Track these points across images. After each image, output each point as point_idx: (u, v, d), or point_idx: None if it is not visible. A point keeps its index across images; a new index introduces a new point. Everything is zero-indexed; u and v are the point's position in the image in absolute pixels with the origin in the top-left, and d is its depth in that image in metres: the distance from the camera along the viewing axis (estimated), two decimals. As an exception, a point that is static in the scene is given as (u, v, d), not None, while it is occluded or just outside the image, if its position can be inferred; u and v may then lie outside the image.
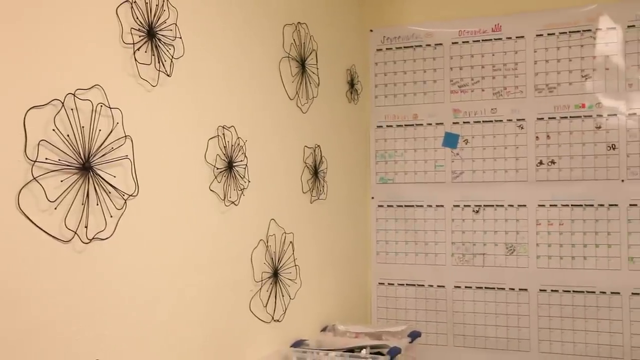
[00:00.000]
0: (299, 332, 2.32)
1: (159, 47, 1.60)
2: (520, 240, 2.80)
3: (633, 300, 2.63)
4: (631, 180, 2.65)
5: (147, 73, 1.56)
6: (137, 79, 1.54)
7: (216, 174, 1.85)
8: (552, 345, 2.74)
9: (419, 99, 2.97)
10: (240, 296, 1.98)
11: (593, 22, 2.70)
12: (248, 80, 2.05)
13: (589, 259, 2.70)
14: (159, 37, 1.60)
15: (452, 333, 2.89)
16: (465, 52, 2.90)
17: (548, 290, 2.75)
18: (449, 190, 2.91)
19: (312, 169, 2.48)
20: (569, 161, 2.73)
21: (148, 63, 1.57)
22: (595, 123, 2.70)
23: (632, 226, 2.64)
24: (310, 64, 2.46)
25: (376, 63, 3.05)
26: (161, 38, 1.61)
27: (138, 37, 1.53)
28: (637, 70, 2.64)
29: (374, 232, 3.04)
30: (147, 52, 1.57)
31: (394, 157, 3.01)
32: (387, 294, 3.01)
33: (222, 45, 1.91)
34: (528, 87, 2.79)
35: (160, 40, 1.60)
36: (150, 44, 1.58)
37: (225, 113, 1.91)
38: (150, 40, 1.57)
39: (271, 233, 2.15)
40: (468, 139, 2.89)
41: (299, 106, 2.38)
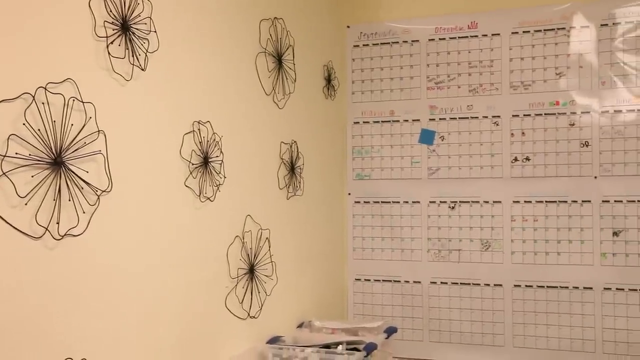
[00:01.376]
0: (275, 328, 2.31)
1: (133, 41, 1.58)
2: (495, 236, 2.82)
3: (605, 295, 2.67)
4: (604, 177, 2.68)
5: (120, 67, 1.54)
6: (111, 73, 1.51)
7: (191, 170, 1.83)
8: (526, 340, 2.77)
9: (396, 96, 2.97)
10: (216, 293, 1.97)
11: (567, 20, 2.73)
12: (224, 75, 2.03)
13: (563, 254, 2.73)
14: (133, 30, 1.58)
15: (428, 328, 2.91)
16: (441, 49, 2.91)
17: (522, 286, 2.78)
18: (425, 187, 2.92)
19: (288, 165, 2.48)
20: (543, 158, 2.76)
21: (122, 57, 1.54)
22: (569, 120, 2.73)
23: (604, 222, 2.68)
24: (286, 59, 2.45)
25: (353, 59, 3.05)
26: (135, 32, 1.59)
27: (111, 30, 1.51)
28: (610, 68, 2.67)
29: (350, 228, 3.04)
30: (120, 46, 1.54)
31: (371, 153, 3.01)
32: (364, 290, 3.01)
33: (198, 40, 1.89)
34: (503, 84, 2.82)
35: (134, 34, 1.58)
36: (124, 38, 1.55)
37: (201, 108, 1.89)
38: (124, 34, 1.55)
39: (247, 229, 2.14)
40: (444, 136, 2.90)
41: (275, 102, 2.37)
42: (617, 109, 2.66)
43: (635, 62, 2.64)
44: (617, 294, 2.66)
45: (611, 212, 2.67)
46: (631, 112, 2.65)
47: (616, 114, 2.67)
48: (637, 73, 2.64)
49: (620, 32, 2.66)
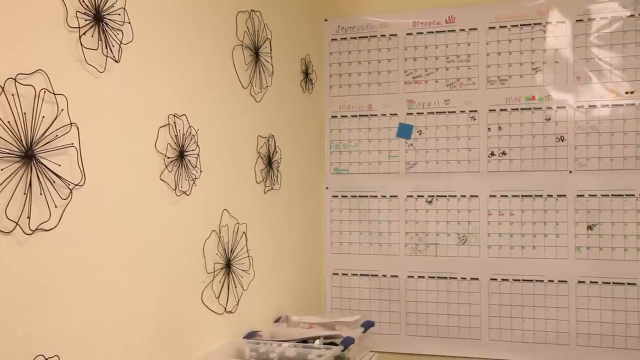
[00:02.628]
0: (252, 323, 2.30)
1: (107, 32, 1.55)
2: (472, 230, 2.84)
3: (579, 288, 2.70)
4: (579, 171, 2.71)
5: (93, 58, 1.51)
6: (83, 65, 1.48)
7: (167, 164, 1.81)
8: (502, 333, 2.79)
9: (374, 90, 2.97)
10: (192, 288, 1.95)
11: (543, 15, 2.75)
12: (200, 67, 2.01)
13: (538, 248, 2.75)
14: (107, 21, 1.55)
15: (405, 322, 2.92)
16: (419, 44, 2.91)
17: (498, 280, 2.80)
18: (403, 181, 2.93)
19: (265, 159, 2.46)
20: (519, 152, 2.78)
21: (95, 48, 1.51)
22: (545, 115, 2.75)
23: (578, 216, 2.70)
24: (264, 52, 2.43)
25: (331, 53, 3.04)
26: (109, 22, 1.56)
27: (84, 20, 1.48)
28: (585, 63, 2.70)
29: (328, 223, 3.04)
30: (93, 37, 1.51)
31: (349, 147, 3.01)
32: (341, 284, 3.01)
33: (174, 32, 1.86)
34: (480, 79, 2.83)
35: (107, 25, 1.55)
36: (97, 29, 1.52)
37: (177, 101, 1.87)
38: (97, 25, 1.52)
39: (224, 223, 2.12)
40: (422, 130, 2.91)
41: (252, 95, 2.35)
42: (591, 104, 2.69)
43: (610, 58, 2.67)
44: (591, 287, 2.69)
45: (586, 206, 2.70)
46: (605, 107, 2.68)
47: (591, 109, 2.69)
48: (612, 69, 2.67)
49: (595, 27, 2.69)
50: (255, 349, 2.11)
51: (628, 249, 2.65)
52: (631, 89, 2.65)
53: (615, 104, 2.67)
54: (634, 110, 2.65)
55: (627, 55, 2.65)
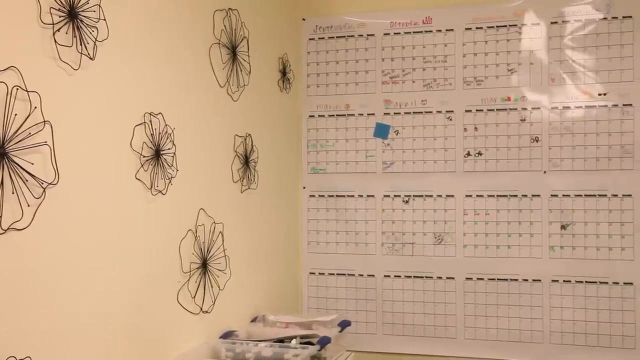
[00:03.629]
0: (228, 323, 2.29)
1: (81, 29, 1.53)
2: (448, 230, 2.86)
3: (553, 287, 2.74)
4: (552, 171, 2.74)
5: (68, 56, 1.49)
6: (57, 62, 1.46)
7: (142, 162, 1.79)
8: (477, 331, 2.82)
9: (351, 89, 2.98)
10: (168, 288, 1.93)
11: (519, 17, 2.78)
12: (177, 65, 1.99)
13: (513, 247, 2.78)
14: (81, 18, 1.53)
15: (382, 321, 2.93)
16: (396, 44, 2.92)
17: (474, 279, 2.83)
18: (380, 181, 2.94)
19: (242, 158, 2.45)
20: (495, 153, 2.81)
21: (69, 45, 1.49)
22: (520, 116, 2.78)
23: (552, 216, 2.74)
24: (241, 51, 2.42)
25: (308, 52, 3.03)
26: (83, 19, 1.54)
27: (58, 17, 1.46)
28: (559, 65, 2.73)
29: (305, 222, 3.03)
30: (68, 34, 1.49)
31: (326, 147, 3.01)
32: (318, 283, 3.01)
33: (150, 29, 1.84)
34: (457, 80, 2.85)
35: (82, 22, 1.53)
36: (72, 25, 1.50)
37: (153, 99, 1.85)
38: (71, 21, 1.50)
39: (200, 223, 2.11)
40: (399, 130, 2.92)
41: (229, 94, 2.34)
42: (565, 105, 2.73)
43: (583, 60, 2.71)
44: (564, 285, 2.73)
45: (559, 206, 2.73)
46: (579, 109, 2.71)
47: (565, 110, 2.73)
48: (585, 70, 2.71)
49: (569, 30, 2.72)
50: (232, 349, 2.10)
51: (600, 248, 2.69)
52: (604, 91, 2.69)
53: (589, 105, 2.70)
54: (607, 112, 2.69)
55: (600, 57, 2.69)
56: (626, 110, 2.67)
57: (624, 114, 2.67)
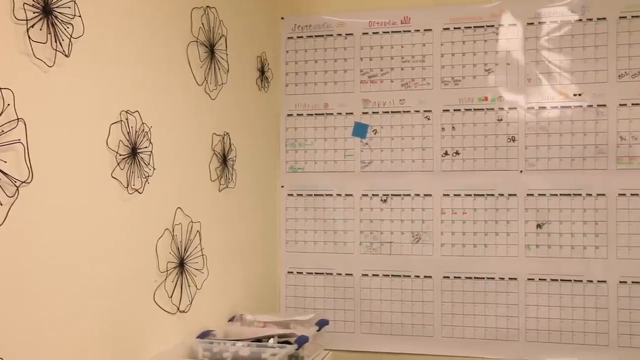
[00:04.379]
0: (205, 322, 2.27)
1: (56, 25, 1.51)
2: (425, 229, 2.87)
3: (528, 285, 2.77)
4: (529, 171, 2.77)
5: (42, 52, 1.47)
6: (31, 58, 1.44)
7: (119, 161, 1.77)
8: (454, 330, 2.84)
9: (330, 89, 2.98)
10: (144, 287, 1.92)
11: (496, 18, 2.80)
12: (154, 63, 1.97)
13: (490, 246, 2.81)
14: (56, 14, 1.51)
15: (360, 320, 2.93)
16: (375, 43, 2.93)
17: (451, 277, 2.85)
18: (358, 180, 2.94)
19: (220, 157, 2.44)
20: (472, 152, 2.83)
21: (43, 42, 1.47)
22: (497, 116, 2.81)
23: (528, 215, 2.77)
24: (219, 49, 2.41)
25: (287, 51, 3.03)
26: (58, 15, 1.52)
27: (32, 13, 1.44)
28: (536, 66, 2.76)
29: (283, 221, 3.03)
30: (42, 30, 1.47)
31: (304, 146, 3.01)
32: (296, 282, 3.01)
33: (127, 27, 1.82)
34: (435, 79, 2.86)
35: (57, 18, 1.51)
36: (46, 21, 1.48)
37: (129, 97, 1.83)
38: (46, 17, 1.48)
39: (177, 222, 2.09)
40: (377, 129, 2.93)
41: (207, 92, 2.33)
42: (541, 105, 2.76)
43: (559, 61, 2.74)
44: (540, 284, 2.76)
45: (535, 205, 2.76)
46: (555, 109, 2.75)
47: (541, 110, 2.76)
48: (561, 71, 2.74)
49: (545, 31, 2.75)
50: (209, 348, 2.09)
51: (575, 247, 2.72)
52: (579, 91, 2.72)
53: (564, 105, 2.74)
54: (582, 112, 2.72)
55: (576, 58, 2.72)
56: (600, 110, 2.70)
57: (599, 114, 2.71)
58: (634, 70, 2.67)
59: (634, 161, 2.67)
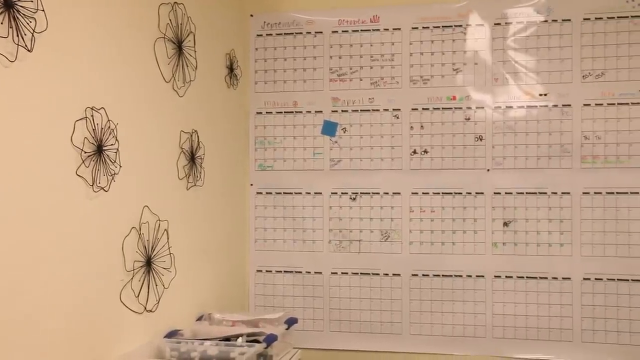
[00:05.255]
0: (173, 322, 2.25)
1: (18, 19, 1.48)
2: (394, 227, 2.89)
3: (495, 282, 2.80)
4: (496, 169, 2.81)
5: (3, 47, 1.43)
6: (-8, 53, 1.41)
7: (84, 158, 1.74)
8: (422, 327, 2.86)
9: (299, 87, 2.97)
10: (110, 287, 1.89)
11: (464, 18, 2.83)
12: (120, 59, 1.94)
13: (457, 244, 2.83)
14: (18, 8, 1.47)
15: (329, 318, 2.94)
16: (344, 42, 2.93)
17: (419, 275, 2.87)
18: (327, 178, 2.94)
19: (188, 155, 2.41)
20: (440, 151, 2.85)
21: (5, 36, 1.44)
22: (465, 115, 2.83)
23: (495, 213, 2.80)
24: (187, 46, 2.38)
25: (256, 48, 3.01)
26: (20, 9, 1.48)
27: (-7, 6, 1.41)
28: (502, 66, 2.80)
29: (252, 219, 3.02)
30: (3, 24, 1.44)
31: (273, 144, 3.00)
32: (265, 281, 3.00)
33: (92, 22, 1.79)
34: (404, 78, 2.88)
35: (19, 12, 1.48)
36: (8, 15, 1.45)
37: (95, 93, 1.80)
38: (7, 11, 1.44)
39: (144, 220, 2.07)
40: (346, 128, 2.93)
41: (175, 89, 2.30)
42: (508, 105, 2.79)
43: (525, 61, 2.78)
44: (506, 281, 2.79)
45: (502, 203, 2.80)
46: (521, 108, 2.78)
47: (508, 109, 2.80)
48: (527, 71, 2.78)
49: (512, 31, 2.79)
50: (176, 348, 2.07)
51: (540, 244, 2.76)
52: (545, 92, 2.77)
53: (530, 105, 2.78)
54: (547, 112, 2.76)
55: (541, 58, 2.77)
56: (565, 110, 2.75)
57: (563, 114, 2.75)
58: (597, 71, 2.72)
59: (597, 160, 2.73)
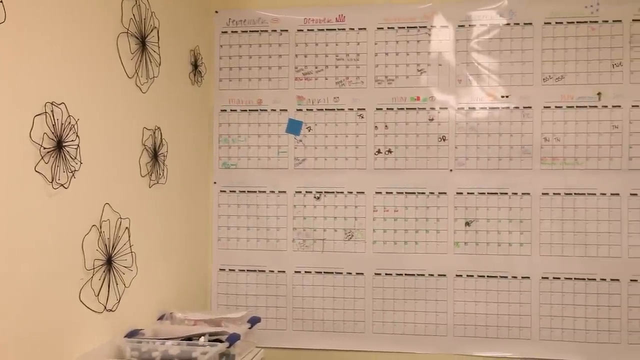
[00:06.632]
0: (134, 321, 2.22)
1: (-25, 10, 1.43)
2: (358, 226, 2.90)
3: (457, 281, 2.84)
4: (458, 170, 2.84)
5: (-41, 38, 1.39)
6: (-53, 45, 1.36)
7: (43, 154, 1.70)
8: (385, 326, 2.88)
9: (264, 85, 2.96)
10: (69, 286, 1.85)
11: (428, 19, 2.86)
12: (81, 53, 1.90)
13: (420, 243, 2.86)
14: (-25, -2, 1.43)
15: (292, 317, 2.93)
16: (310, 40, 2.93)
17: (382, 274, 2.88)
18: (292, 177, 2.94)
19: (151, 152, 2.38)
20: (404, 151, 2.87)
21: (-39, 27, 1.40)
22: (429, 115, 2.86)
23: (457, 213, 2.84)
24: (151, 41, 2.35)
25: (221, 45, 2.99)
26: (-23, 0, 1.44)
27: (-51, -4, 1.36)
28: (466, 67, 2.83)
29: (215, 218, 2.99)
30: (-41, 15, 1.39)
31: (238, 142, 2.98)
32: (228, 280, 2.98)
33: (51, 13, 1.75)
34: (369, 78, 2.89)
35: (-24, 3, 1.44)
36: (-36, 6, 1.41)
37: (55, 88, 1.76)
38: (-37, 2, 1.40)
39: (105, 218, 2.03)
40: (311, 127, 2.93)
41: (138, 85, 2.27)
42: (471, 106, 2.83)
43: (488, 63, 2.82)
44: (467, 280, 2.83)
45: (464, 203, 2.84)
46: (483, 110, 2.82)
47: (470, 110, 2.83)
48: (489, 73, 2.82)
49: (475, 33, 2.83)
50: (137, 347, 2.04)
51: (501, 244, 2.81)
52: (506, 93, 2.81)
53: (492, 106, 2.82)
54: (509, 113, 2.81)
55: (503, 61, 2.81)
56: (526, 112, 2.80)
57: (525, 115, 2.80)
58: (557, 75, 2.78)
59: (556, 162, 2.78)
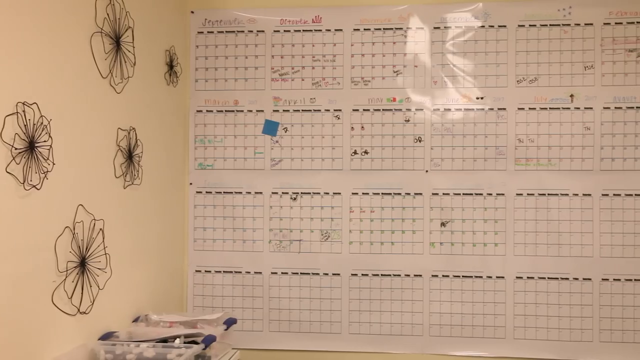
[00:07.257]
0: (108, 324, 2.19)
1: (-56, 8, 1.41)
2: (334, 227, 2.90)
3: (432, 281, 2.86)
4: (434, 170, 2.86)
5: None
6: None
7: (14, 155, 1.67)
8: (361, 326, 2.88)
9: (240, 85, 2.95)
10: (41, 288, 1.82)
11: (404, 21, 2.87)
12: (54, 53, 1.88)
13: (396, 244, 2.87)
14: (-56, -4, 1.41)
15: (268, 319, 2.93)
16: (286, 41, 2.93)
17: (359, 275, 2.89)
18: (268, 177, 2.93)
19: (126, 153, 2.36)
20: (380, 152, 2.88)
21: None
22: (405, 116, 2.88)
23: (433, 213, 2.86)
24: (125, 41, 2.33)
25: (197, 46, 2.97)
26: (-53, -2, 1.42)
27: None
28: (441, 69, 2.85)
29: (191, 219, 2.97)
30: None
31: (214, 142, 2.96)
32: (204, 281, 2.96)
33: (23, 12, 1.73)
34: (345, 79, 2.90)
35: (-55, 1, 1.41)
36: None
37: (26, 88, 1.74)
38: None
39: (79, 220, 2.01)
40: (287, 127, 2.93)
41: (112, 85, 2.24)
42: (447, 107, 2.85)
43: (463, 65, 2.84)
44: (443, 280, 2.85)
45: (440, 204, 2.86)
46: (459, 111, 2.85)
47: (446, 112, 2.85)
48: (464, 75, 2.84)
49: (450, 35, 2.85)
50: (111, 350, 2.02)
51: (476, 244, 2.83)
52: (481, 95, 2.84)
53: (467, 108, 2.84)
54: (484, 115, 2.84)
55: (478, 63, 2.84)
56: (501, 114, 2.83)
57: (499, 117, 2.83)
58: (531, 76, 2.81)
59: (530, 163, 2.82)
